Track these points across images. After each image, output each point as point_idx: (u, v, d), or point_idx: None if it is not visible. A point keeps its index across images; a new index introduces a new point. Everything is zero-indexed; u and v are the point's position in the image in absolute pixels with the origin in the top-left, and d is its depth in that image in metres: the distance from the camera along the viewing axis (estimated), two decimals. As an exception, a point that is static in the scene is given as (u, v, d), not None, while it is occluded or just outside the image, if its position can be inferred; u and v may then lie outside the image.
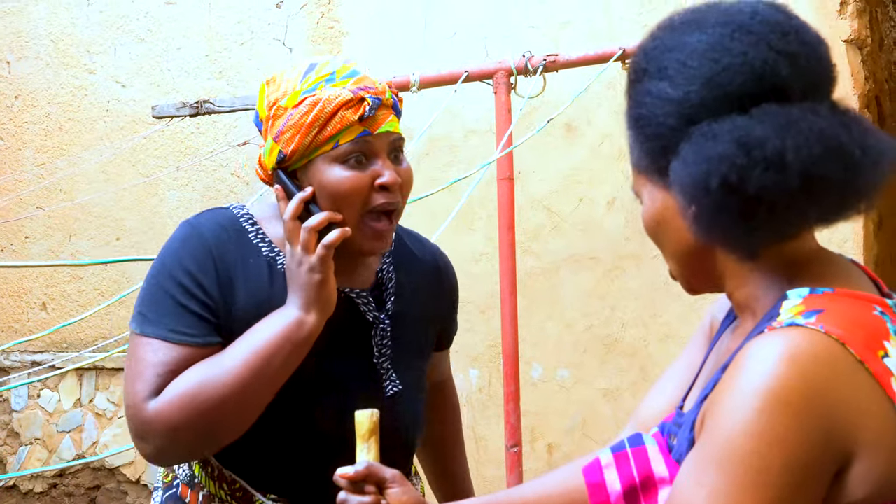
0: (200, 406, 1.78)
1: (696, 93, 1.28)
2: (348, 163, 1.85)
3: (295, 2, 4.79)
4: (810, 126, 1.23)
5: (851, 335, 1.19)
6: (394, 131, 1.89)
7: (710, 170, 1.24)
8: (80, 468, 5.24)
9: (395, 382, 1.98)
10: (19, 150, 5.41)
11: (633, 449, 1.42)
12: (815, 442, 1.16)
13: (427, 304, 2.09)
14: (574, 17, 4.20)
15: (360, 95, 1.85)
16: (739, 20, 1.29)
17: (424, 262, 2.13)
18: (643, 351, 4.07)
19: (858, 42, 3.77)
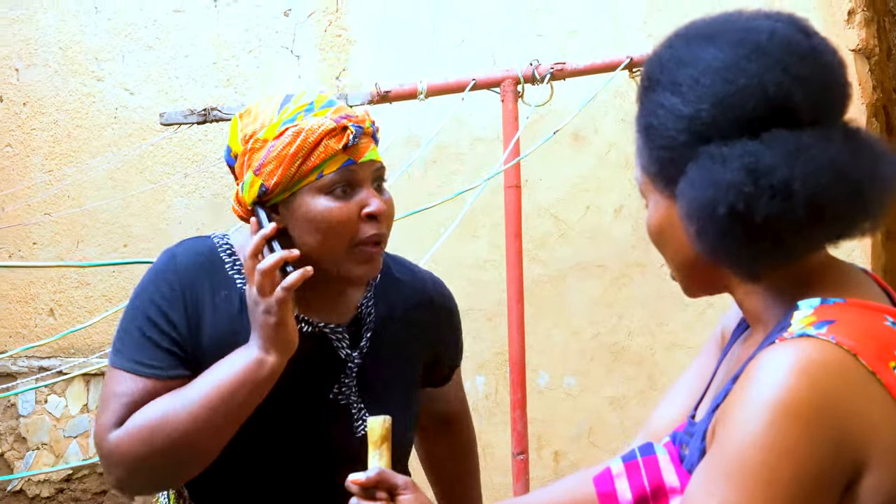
0: (157, 440, 1.77)
1: (708, 112, 1.27)
2: (334, 193, 1.81)
3: (303, 10, 4.80)
4: (820, 154, 1.22)
5: (863, 346, 1.19)
6: (376, 160, 1.86)
7: (717, 196, 1.23)
8: (87, 473, 5.25)
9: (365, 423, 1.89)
10: (27, 157, 5.43)
11: (644, 458, 1.42)
12: (825, 454, 1.15)
13: (417, 337, 2.01)
14: (581, 25, 4.20)
15: (343, 124, 1.82)
16: (756, 39, 1.28)
17: (414, 292, 2.03)
18: (650, 359, 4.07)
19: (866, 51, 3.77)
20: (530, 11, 4.30)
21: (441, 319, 2.08)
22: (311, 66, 4.75)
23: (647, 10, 4.09)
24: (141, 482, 1.85)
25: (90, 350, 5.16)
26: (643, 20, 4.09)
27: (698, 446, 1.33)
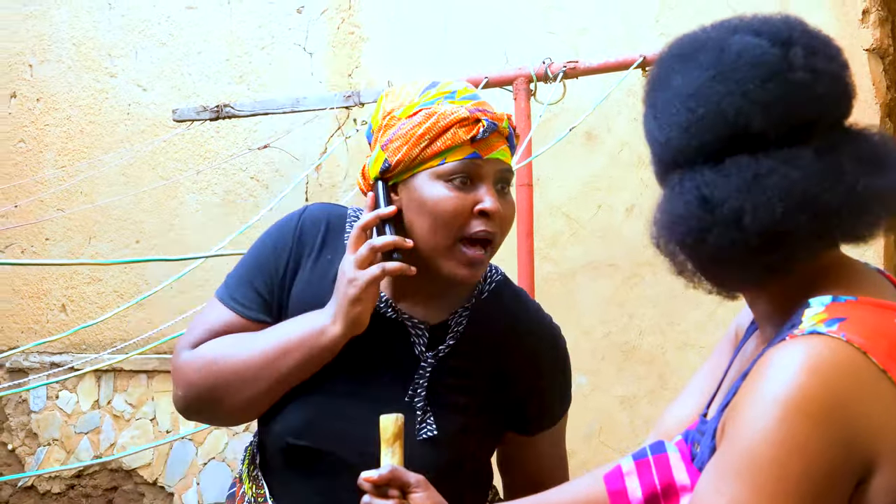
0: (211, 374, 1.85)
1: (676, 139, 1.30)
2: (453, 182, 1.78)
3: (316, 7, 4.81)
4: (780, 181, 1.22)
5: (874, 344, 1.19)
6: (504, 161, 1.82)
7: (672, 227, 1.28)
8: (98, 469, 5.26)
9: (432, 427, 1.84)
10: (40, 153, 5.44)
11: (655, 456, 1.42)
12: (835, 452, 1.15)
13: (502, 366, 1.91)
14: (593, 23, 4.20)
15: (476, 116, 1.80)
16: (724, 61, 1.28)
17: (519, 323, 1.94)
18: (661, 358, 4.06)
19: (880, 51, 3.76)
20: (543, 9, 4.30)
21: (547, 365, 1.97)
22: (323, 63, 4.76)
23: (659, 8, 4.08)
24: (191, 407, 1.91)
25: (102, 346, 5.18)
26: (655, 18, 4.08)
27: (709, 444, 1.33)
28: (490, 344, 1.90)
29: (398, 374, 1.86)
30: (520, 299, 1.99)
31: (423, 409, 1.85)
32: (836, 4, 3.79)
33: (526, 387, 1.93)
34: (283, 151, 4.71)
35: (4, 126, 5.53)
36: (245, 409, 1.87)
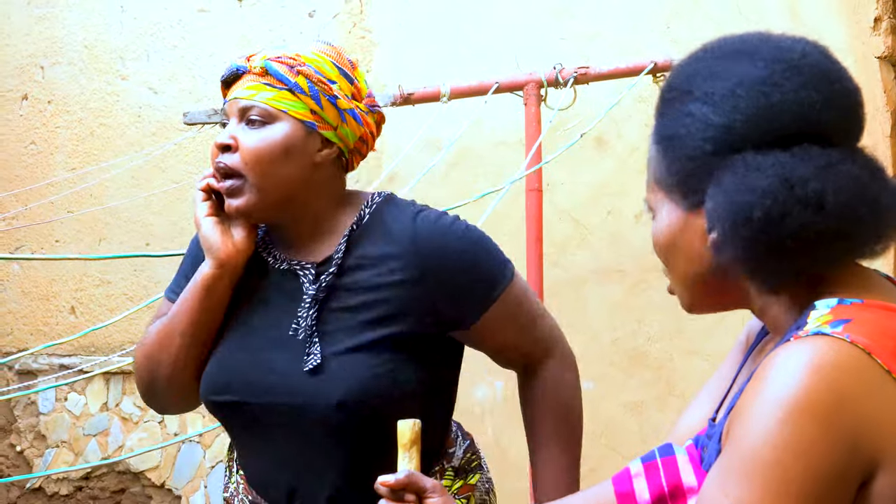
0: (142, 353, 2.03)
1: (742, 123, 1.29)
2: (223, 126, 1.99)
3: (327, 11, 4.82)
4: (847, 171, 1.25)
5: (878, 345, 1.19)
6: (242, 98, 1.93)
7: (753, 201, 1.25)
8: (106, 471, 5.27)
9: (317, 356, 1.89)
10: (51, 155, 5.46)
11: (663, 458, 1.42)
12: (839, 453, 1.15)
13: (397, 277, 1.92)
14: (605, 29, 4.20)
15: (231, 63, 1.97)
16: (790, 58, 1.30)
17: (393, 229, 1.96)
18: (669, 364, 4.06)
19: (892, 59, 3.76)
20: (554, 15, 4.30)
21: (433, 264, 1.94)
22: (334, 67, 4.76)
23: (669, 14, 4.08)
24: (141, 389, 2.08)
25: (111, 349, 5.18)
26: (666, 24, 4.09)
27: (715, 447, 1.33)
28: (379, 262, 1.93)
29: (291, 316, 1.95)
30: (401, 208, 1.99)
31: (307, 341, 1.90)
32: (847, 12, 3.79)
33: (431, 285, 1.92)
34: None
35: (15, 128, 5.55)
36: (173, 377, 2.01)
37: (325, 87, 1.92)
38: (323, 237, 1.98)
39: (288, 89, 1.91)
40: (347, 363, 1.88)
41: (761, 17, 3.89)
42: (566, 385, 2.11)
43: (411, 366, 1.92)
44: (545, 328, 2.07)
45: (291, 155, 1.92)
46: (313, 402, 1.87)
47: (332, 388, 1.86)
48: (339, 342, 1.89)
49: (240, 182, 1.91)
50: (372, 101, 2.02)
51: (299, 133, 1.92)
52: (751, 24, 3.85)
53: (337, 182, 2.01)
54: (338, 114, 1.94)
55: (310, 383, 1.88)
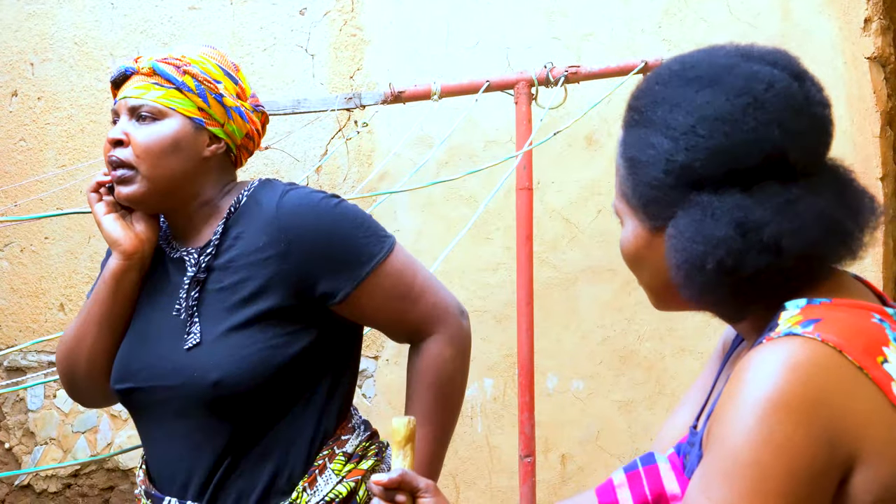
0: (62, 346, 2.14)
1: (702, 163, 1.29)
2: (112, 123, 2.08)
3: (318, 9, 4.81)
4: (810, 207, 1.26)
5: (849, 342, 1.20)
6: (132, 97, 2.04)
7: (706, 251, 1.26)
8: (95, 468, 5.26)
9: (196, 335, 1.99)
10: (41, 151, 5.44)
11: (646, 468, 1.43)
12: (818, 449, 1.16)
13: (270, 254, 1.99)
14: (596, 28, 4.20)
15: (120, 68, 2.07)
16: (755, 91, 1.29)
17: (263, 208, 2.03)
18: (659, 364, 4.06)
19: (882, 59, 3.77)
20: (545, 14, 4.30)
21: (295, 238, 1.99)
22: (325, 65, 4.76)
23: (661, 14, 4.09)
24: (64, 383, 2.18)
25: (100, 345, 5.16)
26: (658, 24, 4.09)
27: (697, 454, 1.34)
28: (249, 240, 2.02)
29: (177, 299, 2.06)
30: (273, 189, 2.07)
31: (187, 321, 2.00)
32: (838, 13, 3.79)
33: (296, 257, 1.98)
34: (283, 153, 4.72)
35: (5, 125, 5.53)
36: (90, 370, 2.11)
37: (211, 86, 2.04)
38: (208, 224, 2.09)
39: (176, 88, 2.03)
40: (225, 342, 1.96)
41: (753, 18, 3.90)
42: (445, 360, 2.09)
43: (289, 342, 1.98)
44: (430, 304, 2.08)
45: (180, 149, 2.04)
46: (191, 382, 1.96)
47: (210, 366, 1.95)
48: (219, 322, 1.98)
49: (131, 172, 2.03)
50: (256, 101, 2.15)
51: (188, 128, 2.04)
52: (742, 25, 3.86)
53: (225, 175, 2.12)
54: (224, 111, 2.06)
55: (188, 363, 1.98)
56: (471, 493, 4.35)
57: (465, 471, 4.36)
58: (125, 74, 2.07)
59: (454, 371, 2.11)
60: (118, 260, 2.06)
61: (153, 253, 2.11)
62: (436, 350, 2.09)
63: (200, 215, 2.08)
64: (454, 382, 2.12)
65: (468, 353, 2.14)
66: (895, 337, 1.25)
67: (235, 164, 2.16)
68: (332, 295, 2.00)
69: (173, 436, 2.02)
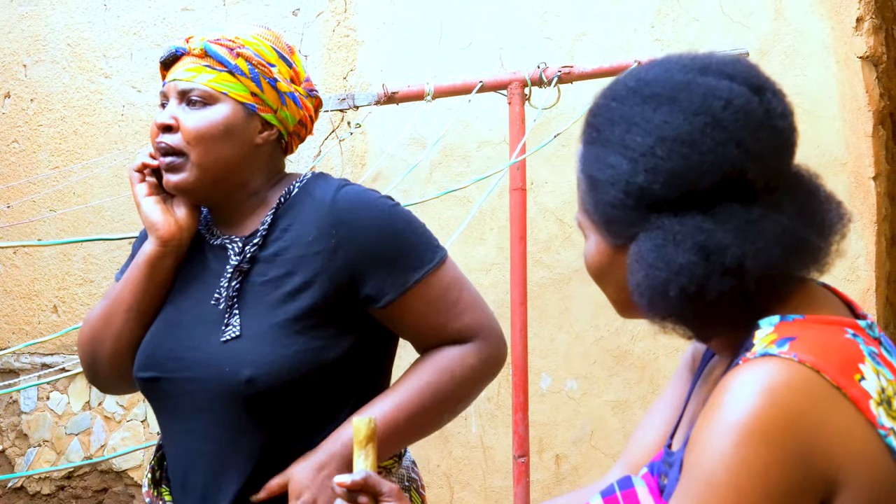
0: (87, 328, 2.06)
1: (661, 185, 1.27)
2: (160, 106, 2.01)
3: (311, 10, 4.81)
4: (772, 226, 1.24)
5: (825, 361, 1.19)
6: (182, 79, 1.96)
7: (668, 278, 1.25)
8: (88, 470, 5.25)
9: (235, 328, 1.90)
10: (34, 153, 5.43)
11: (623, 492, 1.40)
12: (795, 473, 1.15)
13: (320, 250, 1.92)
14: (589, 29, 4.21)
15: (170, 45, 2.00)
16: (712, 110, 1.26)
17: (316, 202, 1.96)
18: (652, 364, 4.07)
19: (874, 59, 3.78)
20: (538, 14, 4.31)
21: (347, 234, 1.92)
22: (318, 65, 4.76)
23: (654, 14, 4.09)
24: (86, 368, 2.09)
25: (93, 347, 5.16)
26: (651, 24, 4.10)
27: (676, 477, 1.32)
28: (300, 233, 1.94)
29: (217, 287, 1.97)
30: (328, 183, 2.00)
31: (226, 311, 1.92)
32: (830, 12, 3.80)
33: (346, 255, 1.91)
34: (277, 154, 4.71)
35: (-2, 126, 5.52)
36: (115, 355, 2.03)
37: (265, 69, 1.95)
38: (255, 213, 2.00)
39: (228, 71, 1.94)
40: (265, 339, 1.87)
41: (745, 18, 3.90)
42: (464, 364, 1.97)
43: (329, 346, 1.90)
44: (471, 320, 1.99)
45: (232, 135, 1.94)
46: (222, 376, 1.87)
47: (245, 362, 1.86)
48: (261, 317, 1.90)
49: (181, 160, 1.95)
50: (310, 86, 2.05)
51: (240, 114, 1.95)
52: (734, 25, 3.87)
53: (276, 163, 2.04)
54: (278, 97, 1.97)
55: (223, 355, 1.89)
56: (465, 493, 4.35)
57: (459, 471, 4.36)
58: (175, 55, 1.98)
59: (467, 377, 1.98)
60: (154, 245, 1.97)
61: (191, 240, 2.02)
62: (459, 352, 1.98)
63: (248, 205, 2.00)
64: (459, 383, 1.98)
65: (489, 374, 2.02)
66: (870, 353, 1.24)
67: (286, 152, 2.06)
68: (376, 299, 1.92)
69: (196, 432, 1.92)
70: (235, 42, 1.95)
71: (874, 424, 1.18)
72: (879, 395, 1.20)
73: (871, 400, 1.19)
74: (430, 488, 4.38)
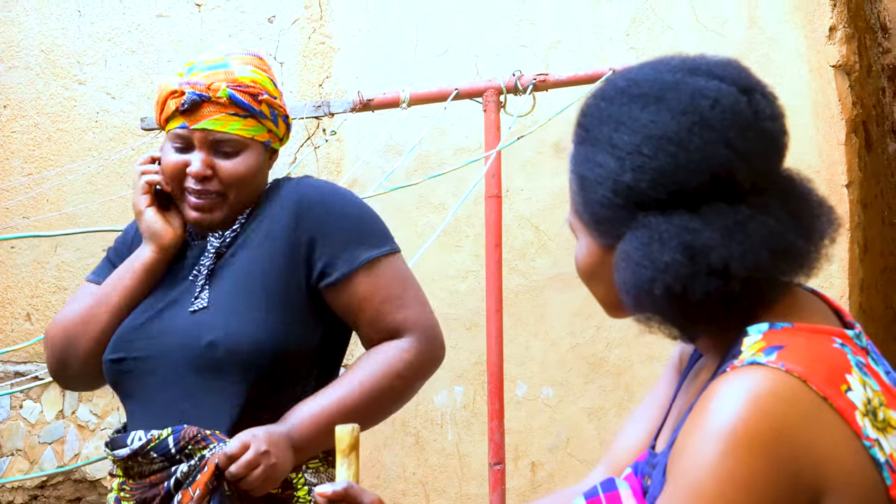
0: (62, 325, 2.13)
1: (648, 184, 1.27)
2: (175, 146, 2.09)
3: (287, 17, 4.80)
4: (759, 228, 1.24)
5: (812, 372, 1.19)
6: (214, 129, 2.05)
7: (654, 276, 1.24)
8: (62, 479, 5.22)
9: (203, 300, 2.05)
10: (7, 160, 5.40)
11: (607, 494, 1.40)
12: (782, 483, 1.15)
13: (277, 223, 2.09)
14: (564, 37, 4.22)
15: (182, 89, 2.05)
16: (700, 109, 1.26)
17: (288, 197, 2.12)
18: (628, 371, 4.07)
19: (847, 68, 3.80)
20: (514, 22, 4.32)
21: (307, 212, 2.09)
22: (294, 72, 4.75)
23: (629, 22, 4.11)
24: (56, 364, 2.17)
25: (67, 355, 5.13)
26: (626, 32, 4.11)
27: (660, 479, 1.32)
28: (272, 218, 2.10)
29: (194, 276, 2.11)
30: (292, 179, 2.19)
31: (200, 286, 2.07)
32: (803, 21, 3.82)
33: (311, 232, 2.07)
34: (252, 161, 4.70)
35: (-29, 133, 5.48)
36: (91, 352, 2.11)
37: (280, 109, 2.13)
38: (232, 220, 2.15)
39: (252, 116, 2.07)
40: (229, 307, 2.01)
41: (719, 26, 3.92)
42: (402, 359, 2.06)
43: (288, 320, 2.03)
44: (413, 314, 2.10)
45: (259, 173, 2.12)
46: (186, 342, 2.00)
47: (208, 327, 2.00)
48: (228, 289, 2.04)
49: (219, 200, 2.08)
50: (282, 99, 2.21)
51: (263, 154, 2.13)
52: (708, 33, 3.89)
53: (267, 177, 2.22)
54: (286, 127, 2.16)
55: (189, 324, 2.02)
56: (441, 500, 4.35)
57: (435, 479, 4.35)
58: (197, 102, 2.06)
59: (402, 373, 2.06)
60: (154, 252, 2.12)
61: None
62: (400, 347, 2.06)
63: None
64: (398, 379, 2.05)
65: (425, 372, 2.11)
66: (857, 363, 1.24)
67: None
68: (328, 273, 2.05)
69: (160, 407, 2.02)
70: (256, 87, 2.08)
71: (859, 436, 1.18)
72: (865, 406, 1.20)
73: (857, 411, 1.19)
74: (405, 496, 4.38)
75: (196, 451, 1.93)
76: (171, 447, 1.95)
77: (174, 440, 1.94)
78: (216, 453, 1.90)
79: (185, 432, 1.94)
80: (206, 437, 1.94)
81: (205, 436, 1.94)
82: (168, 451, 1.95)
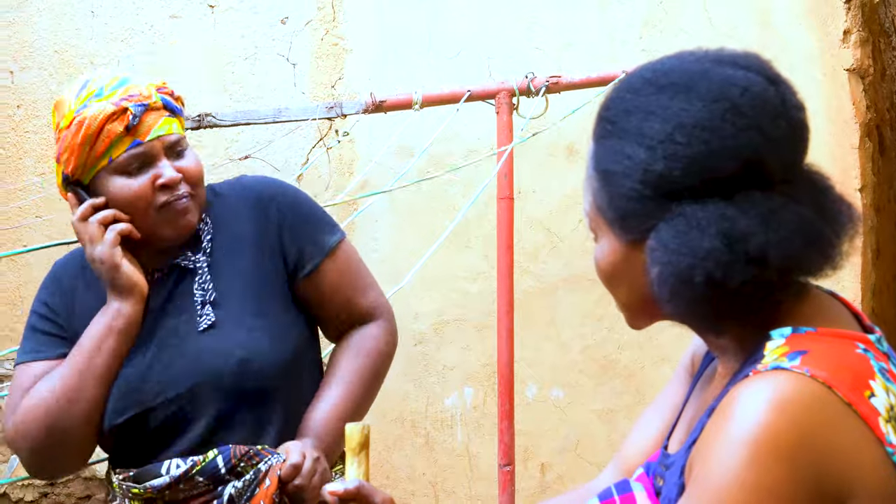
0: (43, 413, 1.96)
1: (681, 172, 1.26)
2: (129, 172, 1.97)
3: (300, 18, 4.81)
4: (791, 216, 1.23)
5: (837, 378, 1.18)
6: (166, 134, 2.01)
7: (694, 264, 1.22)
8: (72, 477, 5.22)
9: (209, 316, 2.01)
10: (20, 160, 5.42)
11: (622, 496, 1.40)
12: (806, 491, 1.14)
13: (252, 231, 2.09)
14: (577, 39, 4.21)
15: (122, 107, 1.97)
16: (731, 96, 1.26)
17: (243, 197, 2.14)
18: (639, 373, 4.07)
19: (861, 71, 3.79)
20: (526, 24, 4.31)
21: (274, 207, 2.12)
22: (306, 74, 4.75)
23: (641, 25, 4.10)
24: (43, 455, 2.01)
25: (78, 354, 5.13)
26: (638, 35, 4.10)
27: (676, 481, 1.31)
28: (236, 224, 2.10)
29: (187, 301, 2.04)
30: (225, 182, 2.21)
31: (202, 303, 2.01)
32: (817, 24, 3.82)
33: (276, 233, 2.09)
34: (264, 162, 4.71)
35: (-16, 132, 5.50)
36: (89, 427, 1.98)
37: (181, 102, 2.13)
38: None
39: (179, 115, 2.08)
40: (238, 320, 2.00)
41: (732, 29, 3.92)
42: (380, 341, 2.17)
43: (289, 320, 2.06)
44: (374, 296, 2.19)
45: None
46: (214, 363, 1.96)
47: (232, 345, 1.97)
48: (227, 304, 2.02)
49: (192, 201, 2.04)
50: None
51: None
52: (721, 36, 3.88)
53: None
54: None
55: (208, 345, 1.98)
56: (450, 501, 4.34)
57: (444, 479, 4.35)
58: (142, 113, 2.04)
59: (386, 354, 2.18)
60: (136, 304, 2.01)
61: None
62: (375, 331, 2.17)
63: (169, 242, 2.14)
64: (385, 361, 2.17)
65: (394, 351, 2.23)
66: (880, 368, 1.23)
67: None
68: (303, 265, 2.09)
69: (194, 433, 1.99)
70: (166, 87, 2.10)
71: (882, 442, 1.17)
72: (888, 413, 1.19)
73: (881, 417, 1.18)
74: (415, 496, 4.38)
75: (249, 467, 1.91)
76: (220, 467, 1.92)
77: (224, 460, 1.92)
78: (274, 465, 1.89)
79: (234, 450, 1.92)
80: (259, 451, 1.92)
81: (257, 451, 1.92)
82: (217, 472, 1.92)
